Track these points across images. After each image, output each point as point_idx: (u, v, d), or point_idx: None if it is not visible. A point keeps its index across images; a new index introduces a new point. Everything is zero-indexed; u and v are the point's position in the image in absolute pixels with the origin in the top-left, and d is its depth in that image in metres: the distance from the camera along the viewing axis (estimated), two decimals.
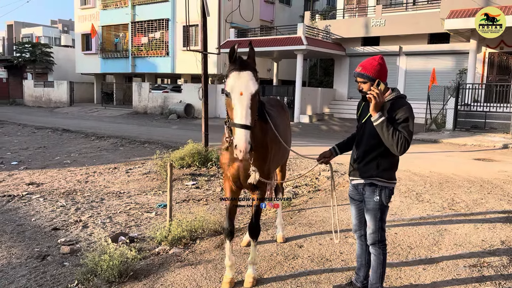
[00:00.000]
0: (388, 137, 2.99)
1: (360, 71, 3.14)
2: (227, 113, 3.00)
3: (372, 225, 3.22)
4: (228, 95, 2.88)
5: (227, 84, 2.88)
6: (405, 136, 2.99)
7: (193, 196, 7.30)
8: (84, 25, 31.65)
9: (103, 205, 6.90)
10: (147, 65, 28.06)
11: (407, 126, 3.03)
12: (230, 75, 2.90)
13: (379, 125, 3.02)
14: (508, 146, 13.05)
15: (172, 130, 17.98)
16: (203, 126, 10.19)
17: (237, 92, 2.86)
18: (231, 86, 2.86)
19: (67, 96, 31.66)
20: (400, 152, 3.02)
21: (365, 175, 3.21)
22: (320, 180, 8.27)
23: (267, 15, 27.70)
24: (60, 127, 17.78)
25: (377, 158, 3.18)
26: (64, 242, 5.21)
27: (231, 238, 3.80)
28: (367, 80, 3.11)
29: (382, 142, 3.10)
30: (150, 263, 4.31)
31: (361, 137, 3.27)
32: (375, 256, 3.28)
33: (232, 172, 3.51)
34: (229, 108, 2.91)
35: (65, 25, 53.35)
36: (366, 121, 3.22)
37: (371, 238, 3.26)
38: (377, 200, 3.19)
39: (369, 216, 3.23)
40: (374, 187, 3.19)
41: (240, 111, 2.85)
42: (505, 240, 4.90)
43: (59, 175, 9.19)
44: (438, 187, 7.53)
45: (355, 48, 22.75)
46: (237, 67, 2.91)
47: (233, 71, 2.90)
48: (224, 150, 3.52)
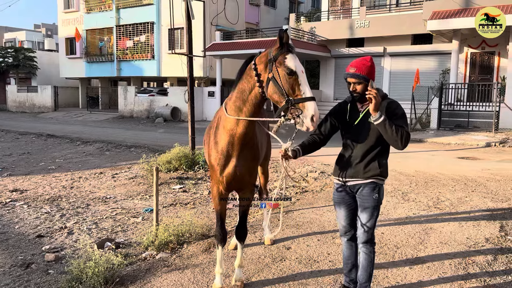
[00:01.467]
0: (392, 133, 3.02)
1: (354, 72, 3.13)
2: (285, 93, 2.95)
3: (369, 223, 3.23)
4: (292, 74, 2.94)
5: (288, 63, 2.94)
6: (406, 130, 3.08)
7: (180, 200, 7.25)
8: (68, 29, 31.33)
9: (89, 210, 6.81)
10: (133, 69, 27.88)
11: (405, 121, 3.14)
12: (288, 56, 2.96)
13: (381, 123, 3.03)
14: (491, 145, 13.27)
15: (159, 133, 17.87)
16: (190, 129, 10.15)
17: (300, 70, 2.96)
18: (295, 65, 2.94)
19: (52, 101, 31.26)
20: (403, 147, 3.07)
21: (367, 175, 3.20)
22: (307, 181, 8.29)
23: (253, 17, 27.76)
24: (45, 133, 17.54)
25: (376, 157, 3.21)
26: (49, 249, 5.13)
27: (223, 244, 3.75)
28: (362, 80, 3.11)
29: (379, 141, 3.14)
30: (137, 268, 4.27)
31: (356, 139, 3.23)
32: (366, 255, 3.27)
33: (228, 171, 3.40)
34: (295, 85, 2.95)
35: (48, 29, 52.80)
36: (360, 123, 3.21)
37: (365, 236, 3.25)
38: (376, 197, 3.21)
39: (366, 214, 3.22)
40: (374, 185, 3.21)
41: (307, 86, 2.97)
42: (489, 237, 4.97)
43: (44, 181, 9.06)
44: (423, 186, 7.61)
45: (340, 50, 22.92)
46: (290, 49, 3.01)
47: (289, 52, 2.99)
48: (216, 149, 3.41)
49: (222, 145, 3.36)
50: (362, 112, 3.22)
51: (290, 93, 2.94)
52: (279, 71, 2.95)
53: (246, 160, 3.39)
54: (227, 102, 3.37)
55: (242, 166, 3.38)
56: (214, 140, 3.45)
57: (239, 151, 3.34)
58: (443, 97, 17.16)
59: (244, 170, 3.42)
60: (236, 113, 3.23)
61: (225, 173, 3.42)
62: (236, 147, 3.32)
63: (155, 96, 25.35)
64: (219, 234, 3.69)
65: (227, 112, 3.29)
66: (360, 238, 3.29)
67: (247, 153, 3.37)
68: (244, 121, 3.22)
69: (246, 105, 3.19)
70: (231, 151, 3.35)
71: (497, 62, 18.51)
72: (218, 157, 3.41)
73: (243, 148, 3.33)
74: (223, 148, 3.36)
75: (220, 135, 3.39)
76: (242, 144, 3.31)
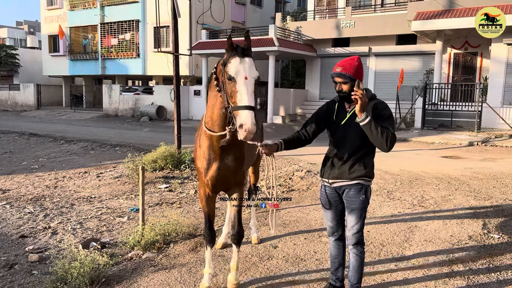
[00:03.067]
0: (378, 135, 2.99)
1: (340, 71, 3.10)
2: (227, 100, 2.91)
3: (358, 225, 3.21)
4: (231, 79, 2.86)
5: (229, 68, 2.87)
6: (392, 132, 3.05)
7: (167, 199, 7.21)
8: (51, 26, 30.80)
9: (73, 210, 6.72)
10: (118, 67, 27.57)
11: (391, 123, 3.11)
12: (232, 60, 2.89)
13: (366, 124, 3.00)
14: (473, 144, 13.50)
15: (144, 132, 17.73)
16: (176, 128, 10.09)
17: (242, 76, 2.86)
18: (236, 70, 2.85)
19: (34, 99, 30.72)
20: (389, 148, 3.04)
21: (352, 176, 3.18)
22: (293, 180, 8.33)
23: (239, 16, 27.72)
24: (27, 131, 17.24)
25: (362, 158, 3.19)
26: (32, 250, 5.05)
27: (212, 244, 3.76)
28: (348, 80, 3.09)
29: (366, 142, 3.12)
30: (123, 268, 4.23)
31: (343, 139, 3.21)
32: (357, 256, 3.26)
33: (212, 174, 3.39)
34: (232, 92, 2.87)
35: (31, 26, 51.93)
36: (346, 123, 3.19)
37: (355, 238, 3.23)
38: (362, 199, 3.19)
39: (354, 216, 3.20)
40: (360, 186, 3.19)
41: (244, 93, 2.84)
42: (472, 235, 5.06)
43: (27, 181, 8.91)
44: (408, 184, 7.71)
45: (326, 49, 23.03)
46: (238, 53, 2.92)
47: (235, 56, 2.90)
48: (199, 153, 3.44)
49: (204, 148, 3.40)
50: (349, 113, 3.20)
51: (229, 99, 2.90)
52: (224, 75, 2.93)
53: (228, 161, 3.37)
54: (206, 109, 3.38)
55: (224, 168, 3.38)
56: (198, 144, 3.49)
57: (220, 154, 3.33)
58: (427, 97, 17.40)
59: (228, 171, 3.40)
60: (209, 124, 3.25)
61: (208, 176, 3.42)
62: (216, 150, 3.32)
63: (140, 95, 25.12)
64: (207, 235, 3.68)
65: (204, 123, 3.32)
66: (350, 240, 3.26)
67: (228, 154, 3.35)
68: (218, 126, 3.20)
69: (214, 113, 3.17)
70: (212, 154, 3.36)
71: (480, 62, 18.83)
72: (201, 161, 3.44)
73: (223, 151, 3.31)
74: (205, 152, 3.39)
75: (202, 139, 3.42)
76: (223, 148, 3.29)
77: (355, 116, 3.11)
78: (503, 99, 16.54)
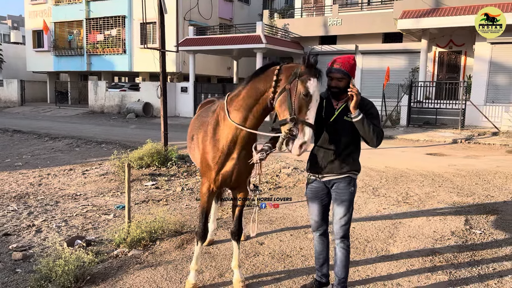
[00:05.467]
0: (369, 132, 3.13)
1: (340, 67, 3.15)
2: (293, 109, 2.98)
3: (346, 217, 3.28)
4: (308, 96, 2.97)
5: (309, 86, 2.96)
6: (381, 129, 3.22)
7: (153, 197, 7.18)
8: (35, 21, 30.30)
9: (58, 208, 6.66)
10: (104, 63, 27.26)
11: (379, 120, 3.28)
12: (313, 80, 2.98)
13: (359, 121, 3.11)
14: (457, 141, 13.71)
15: (130, 129, 17.59)
16: (163, 125, 10.04)
17: (316, 97, 3.00)
18: (313, 90, 2.97)
19: (18, 95, 30.22)
20: (378, 144, 3.20)
21: (343, 170, 3.27)
22: (280, 177, 8.36)
23: (226, 13, 27.63)
24: (11, 128, 16.97)
25: (351, 153, 3.29)
26: (16, 248, 4.99)
27: (204, 241, 3.75)
28: (346, 77, 3.16)
29: (354, 138, 3.25)
30: (108, 266, 4.21)
31: (332, 135, 3.26)
32: (344, 250, 3.31)
33: (226, 170, 3.38)
34: (302, 107, 2.97)
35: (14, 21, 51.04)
36: (336, 118, 3.23)
37: (342, 230, 3.28)
38: (352, 191, 3.29)
39: (343, 208, 3.26)
40: (349, 179, 3.29)
41: (313, 112, 3.00)
42: (455, 230, 5.15)
43: (10, 178, 8.78)
44: (393, 181, 7.80)
45: (313, 47, 23.09)
46: (317, 75, 3.03)
47: (315, 77, 3.01)
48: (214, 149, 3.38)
49: (223, 143, 3.34)
50: (337, 109, 3.25)
51: (296, 111, 2.98)
52: (298, 87, 2.98)
53: (246, 157, 3.36)
54: (232, 100, 3.34)
55: (242, 164, 3.38)
56: (214, 138, 3.40)
57: (240, 150, 3.34)
58: (413, 95, 17.60)
59: (244, 168, 3.41)
60: (241, 116, 3.24)
61: (222, 171, 3.40)
62: (238, 145, 3.32)
63: (126, 91, 24.90)
64: (201, 231, 3.65)
65: (230, 115, 3.28)
66: (337, 233, 3.31)
67: (247, 151, 3.36)
68: (251, 121, 3.24)
69: (254, 109, 3.23)
70: (232, 149, 3.34)
71: (464, 61, 19.10)
72: (218, 155, 3.38)
73: (245, 147, 3.33)
74: (224, 146, 3.34)
75: (222, 133, 3.36)
76: (245, 143, 3.30)
77: (344, 112, 3.20)
78: (486, 97, 16.81)
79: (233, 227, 3.76)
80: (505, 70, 16.74)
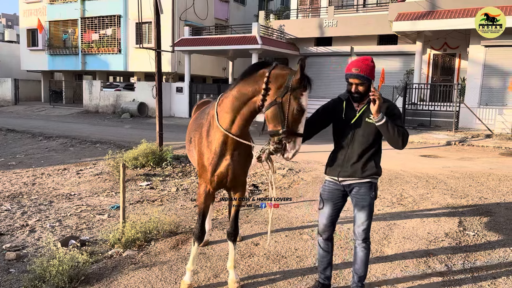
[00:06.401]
0: (394, 134, 3.09)
1: (358, 72, 3.12)
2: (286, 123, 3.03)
3: (367, 221, 3.28)
4: (301, 112, 3.03)
5: (303, 100, 3.02)
6: (406, 130, 3.17)
7: (148, 197, 7.16)
8: (29, 20, 30.12)
9: (52, 208, 6.62)
10: (98, 63, 27.16)
11: (402, 121, 3.25)
12: (305, 94, 3.04)
13: (383, 125, 3.07)
14: (451, 143, 13.80)
15: (125, 129, 17.53)
16: (158, 125, 10.03)
17: (306, 109, 3.07)
18: (305, 103, 3.05)
19: (12, 94, 30.03)
20: (403, 146, 3.17)
21: (364, 174, 3.24)
22: (276, 178, 8.36)
23: (222, 13, 27.63)
24: (4, 127, 16.86)
25: (373, 157, 3.27)
26: (10, 247, 4.96)
27: (200, 241, 3.75)
28: (365, 81, 3.12)
29: (375, 140, 3.22)
30: (103, 266, 4.20)
31: (353, 138, 3.24)
32: (365, 250, 3.33)
33: (221, 170, 3.40)
34: (295, 120, 3.04)
35: (9, 19, 50.72)
36: (356, 121, 3.22)
37: (364, 233, 3.29)
38: (373, 196, 3.27)
39: (365, 213, 3.26)
40: (370, 184, 3.27)
41: (304, 123, 3.09)
42: (448, 232, 5.19)
43: (4, 178, 8.73)
44: (388, 183, 7.83)
45: (309, 48, 23.15)
46: (309, 88, 3.07)
47: (307, 90, 3.06)
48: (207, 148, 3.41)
49: (215, 145, 3.36)
50: (358, 112, 3.23)
51: (290, 125, 3.03)
52: (291, 103, 3.00)
53: (240, 158, 3.39)
54: (222, 102, 3.34)
55: (236, 164, 3.39)
56: (207, 140, 3.42)
57: (232, 151, 3.35)
58: (407, 97, 17.69)
59: (238, 168, 3.43)
60: (230, 118, 3.26)
61: (217, 172, 3.42)
62: (230, 147, 3.33)
63: (121, 91, 24.82)
64: (198, 231, 3.65)
65: (219, 118, 3.30)
66: (359, 236, 3.31)
67: (241, 151, 3.38)
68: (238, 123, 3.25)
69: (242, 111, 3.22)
70: (224, 150, 3.35)
71: (458, 63, 19.22)
72: (211, 157, 3.40)
73: (236, 148, 3.34)
74: (217, 148, 3.36)
75: (213, 134, 3.37)
76: (236, 144, 3.32)
77: (365, 115, 3.18)
78: (480, 99, 16.92)
79: (229, 228, 3.76)
80: (499, 72, 16.87)
